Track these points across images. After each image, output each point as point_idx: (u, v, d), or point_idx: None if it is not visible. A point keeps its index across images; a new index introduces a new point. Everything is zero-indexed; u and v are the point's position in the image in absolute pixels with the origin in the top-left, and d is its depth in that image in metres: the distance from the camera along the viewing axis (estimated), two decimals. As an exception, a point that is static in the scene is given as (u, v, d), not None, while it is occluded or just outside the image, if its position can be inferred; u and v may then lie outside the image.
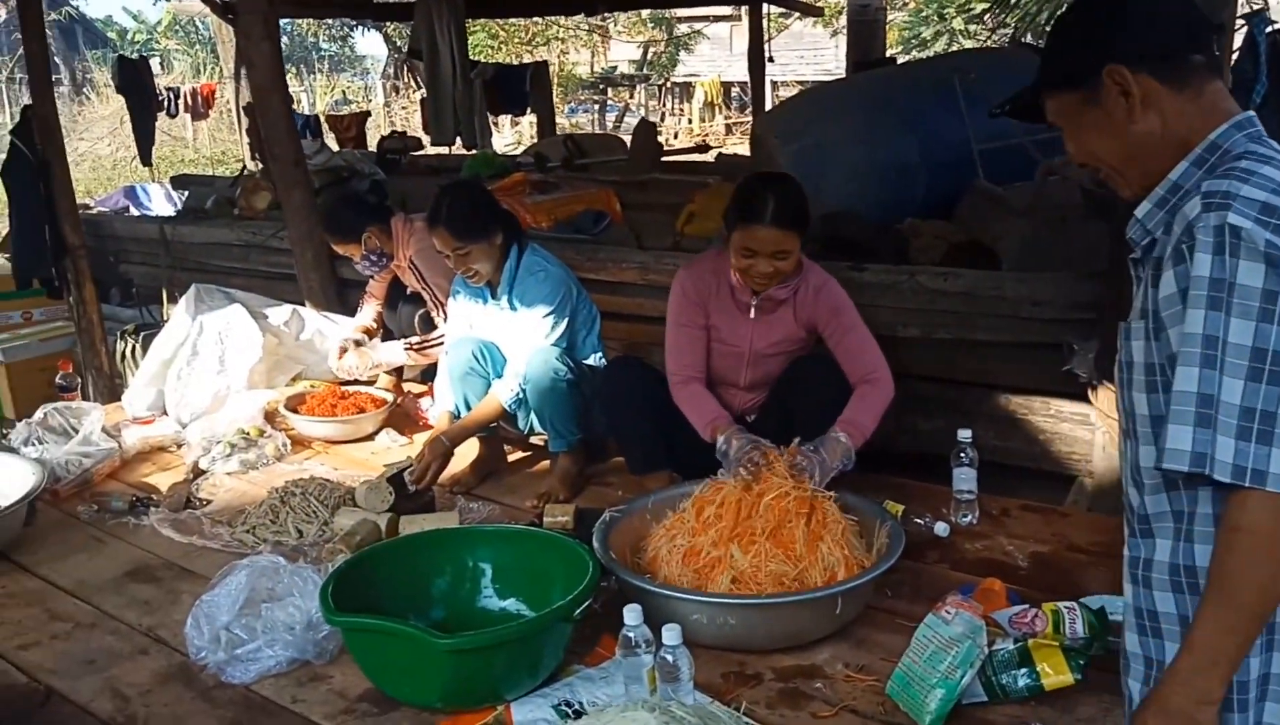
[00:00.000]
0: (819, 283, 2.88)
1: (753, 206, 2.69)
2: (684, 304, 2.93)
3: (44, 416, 3.54)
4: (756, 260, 2.73)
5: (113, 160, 15.84)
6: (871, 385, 2.79)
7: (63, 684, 2.30)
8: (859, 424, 2.71)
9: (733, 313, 2.92)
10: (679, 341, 2.93)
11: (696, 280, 2.93)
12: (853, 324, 2.86)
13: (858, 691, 2.16)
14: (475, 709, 2.10)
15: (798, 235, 2.72)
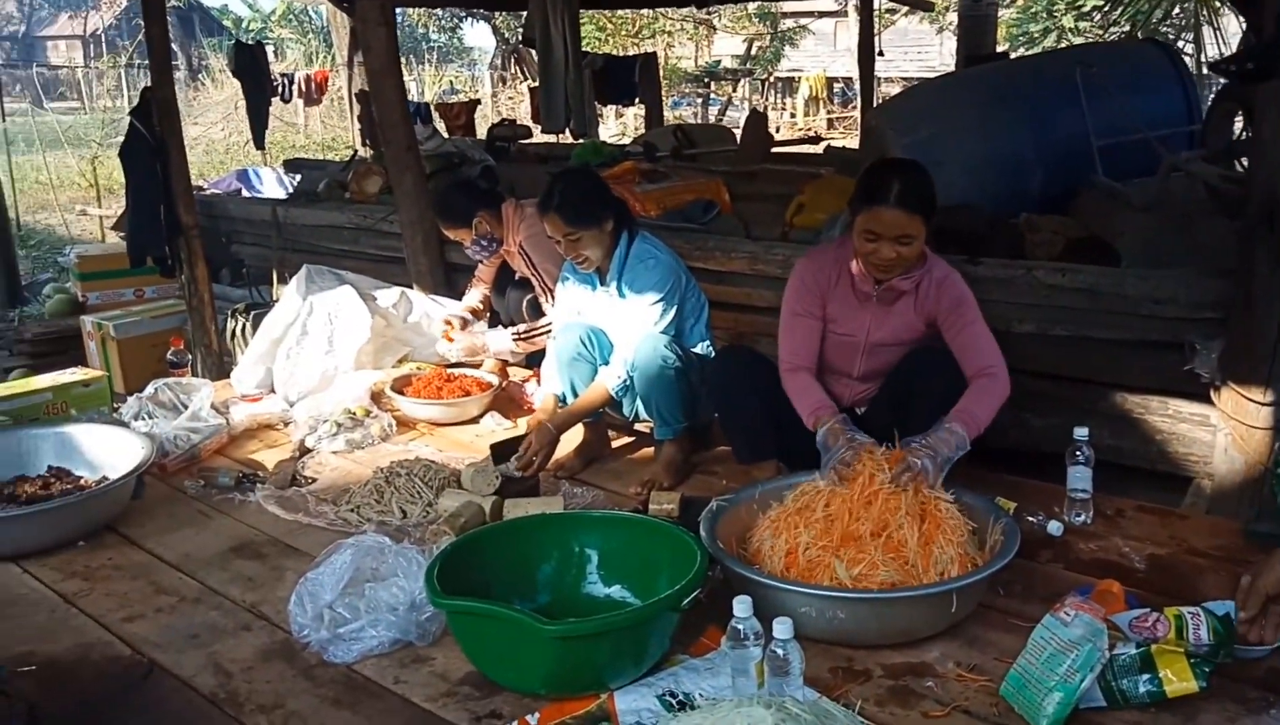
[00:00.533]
0: (942, 275, 2.81)
1: (878, 188, 2.64)
2: (802, 292, 2.89)
3: (154, 391, 3.64)
4: (880, 244, 2.67)
5: (225, 144, 16.38)
6: (989, 379, 2.70)
7: (166, 658, 2.33)
8: (974, 415, 2.62)
9: (851, 302, 2.87)
10: (793, 329, 2.90)
11: (817, 270, 2.89)
12: (973, 318, 2.78)
13: (970, 692, 2.09)
14: (578, 696, 2.09)
15: (923, 220, 2.66)
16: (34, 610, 2.54)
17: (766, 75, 23.18)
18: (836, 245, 2.91)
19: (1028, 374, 3.34)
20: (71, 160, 13.78)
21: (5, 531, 2.78)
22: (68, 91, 25.44)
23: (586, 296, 3.35)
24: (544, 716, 2.05)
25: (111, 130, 15.51)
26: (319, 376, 3.90)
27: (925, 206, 2.66)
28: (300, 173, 7.28)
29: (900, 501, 2.39)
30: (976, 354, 2.74)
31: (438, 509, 2.98)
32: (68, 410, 3.67)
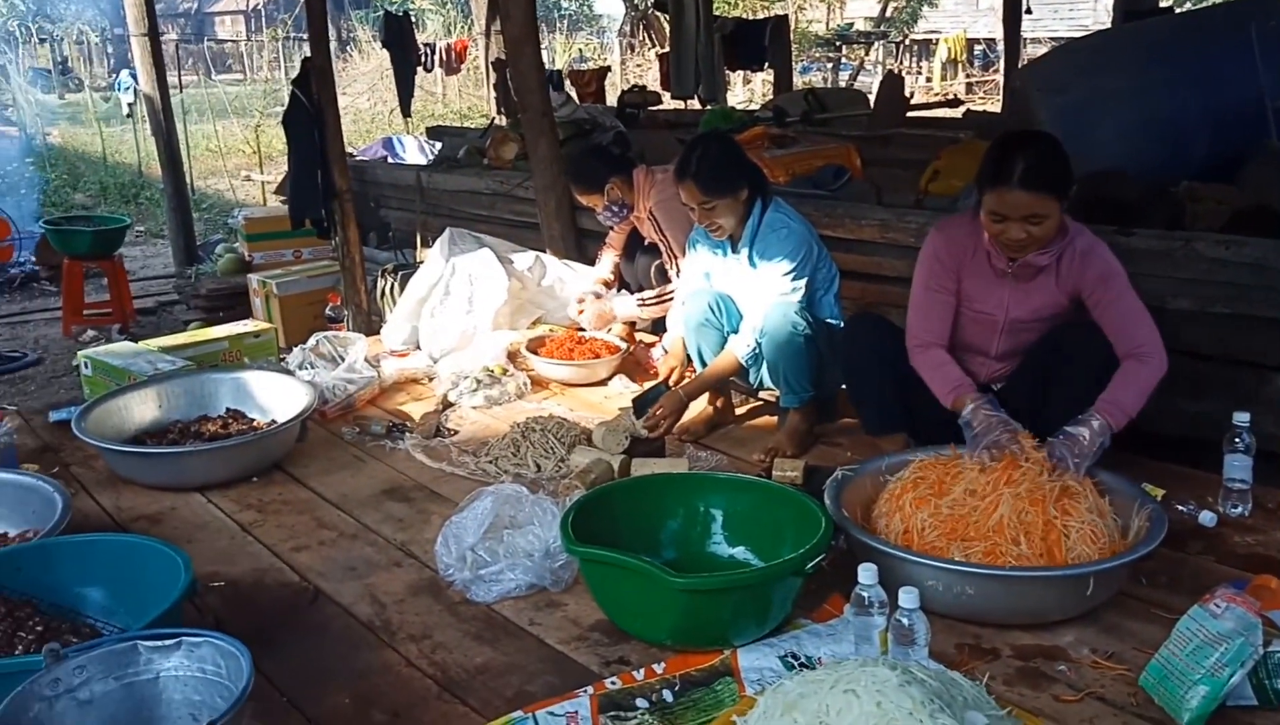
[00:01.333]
0: (1086, 247, 2.63)
1: (1001, 167, 2.49)
2: (935, 267, 2.76)
3: (315, 343, 3.86)
4: (1007, 225, 2.53)
5: (371, 114, 16.93)
6: (1140, 361, 2.53)
7: (328, 586, 2.52)
8: (1121, 404, 2.48)
9: (988, 278, 2.72)
10: (926, 304, 2.77)
11: (950, 242, 2.75)
12: (1122, 291, 2.59)
13: (1106, 679, 2.02)
14: (703, 650, 2.12)
15: (1054, 199, 2.48)
16: (217, 536, 2.79)
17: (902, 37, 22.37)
18: (970, 216, 2.75)
19: (1183, 355, 3.14)
20: (237, 129, 14.50)
21: (194, 465, 3.08)
22: (233, 64, 26.73)
23: (717, 263, 3.34)
24: (670, 666, 2.09)
25: (272, 100, 16.27)
26: (459, 335, 4.04)
27: (1056, 184, 2.49)
28: (441, 140, 7.47)
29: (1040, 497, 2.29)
30: (1127, 332, 2.57)
31: (569, 464, 3.06)
32: (241, 358, 3.96)
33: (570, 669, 2.13)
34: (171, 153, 7.90)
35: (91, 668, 1.77)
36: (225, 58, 27.13)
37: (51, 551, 2.34)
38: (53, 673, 1.73)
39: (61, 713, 1.72)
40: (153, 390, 3.42)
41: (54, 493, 2.65)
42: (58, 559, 2.31)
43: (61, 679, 1.74)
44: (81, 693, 1.75)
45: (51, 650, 1.75)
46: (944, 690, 1.51)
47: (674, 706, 1.98)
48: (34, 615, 2.16)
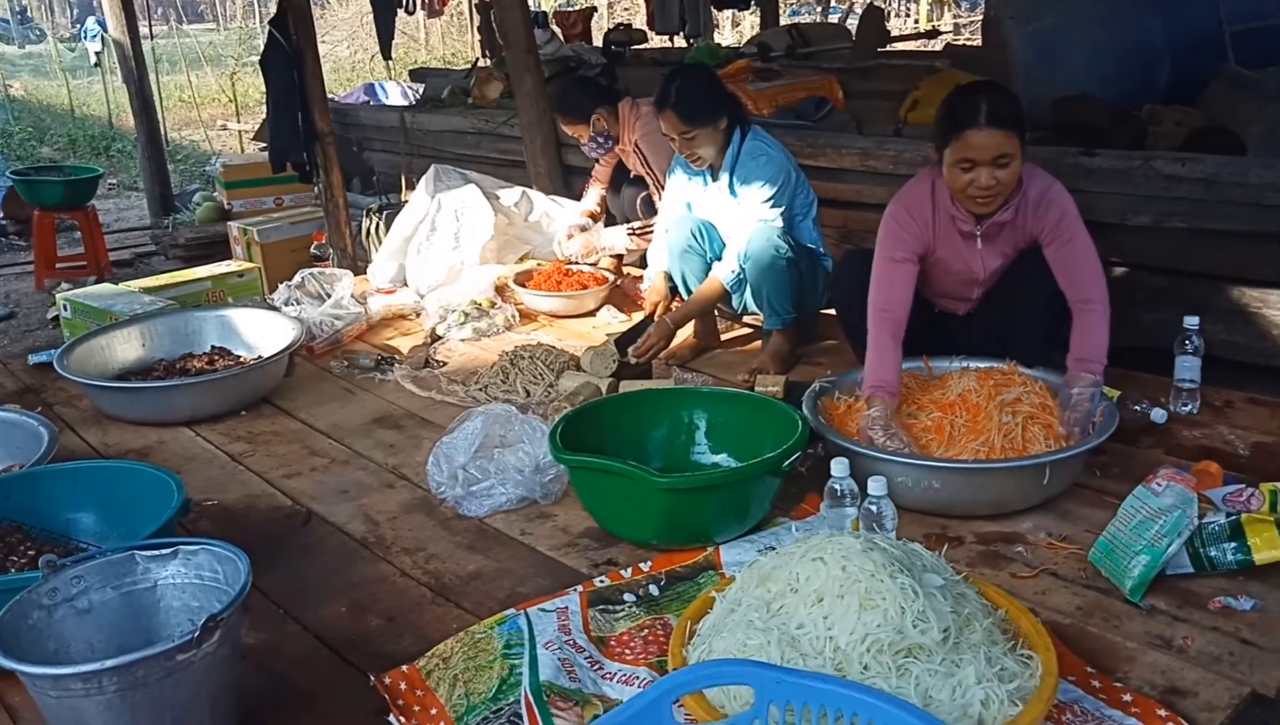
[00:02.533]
0: (1038, 195, 2.67)
1: (965, 111, 2.53)
2: (898, 235, 2.75)
3: (301, 280, 3.98)
4: (977, 172, 2.54)
5: (351, 62, 16.80)
6: (1088, 312, 2.62)
7: (321, 508, 2.65)
8: (1095, 358, 2.58)
9: (957, 242, 2.77)
10: (889, 276, 2.74)
11: (912, 210, 2.75)
12: (1072, 234, 2.65)
13: (1059, 558, 2.21)
14: (687, 548, 2.29)
15: (1018, 138, 2.52)
16: (207, 466, 2.90)
17: (890, -22, 22.20)
18: (926, 181, 2.75)
19: (1142, 269, 3.33)
20: (211, 78, 14.40)
21: (181, 398, 3.16)
22: (205, 11, 26.36)
23: (697, 192, 3.46)
24: (656, 564, 2.26)
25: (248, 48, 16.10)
26: (446, 270, 4.15)
27: (1017, 122, 2.53)
28: (425, 81, 7.51)
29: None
30: (1076, 278, 2.65)
31: (558, 389, 3.20)
32: (225, 298, 4.04)
33: (560, 572, 2.28)
34: (144, 101, 7.87)
35: (89, 578, 1.82)
36: (196, 5, 26.75)
37: (40, 479, 2.40)
38: (50, 583, 1.77)
39: (60, 620, 1.78)
40: (135, 329, 3.49)
41: (39, 427, 2.70)
42: (46, 486, 2.37)
43: (59, 589, 1.78)
44: (80, 602, 1.81)
45: (48, 561, 1.80)
46: (904, 557, 1.68)
47: (660, 599, 2.15)
48: (25, 540, 2.24)
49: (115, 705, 1.58)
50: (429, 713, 1.81)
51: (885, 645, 1.53)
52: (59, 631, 1.77)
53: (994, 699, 1.52)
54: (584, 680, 1.86)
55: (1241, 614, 1.97)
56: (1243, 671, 1.82)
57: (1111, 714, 1.72)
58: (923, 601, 1.58)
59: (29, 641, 1.69)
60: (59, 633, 1.77)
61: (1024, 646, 1.67)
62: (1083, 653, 1.88)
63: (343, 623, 2.14)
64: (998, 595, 1.79)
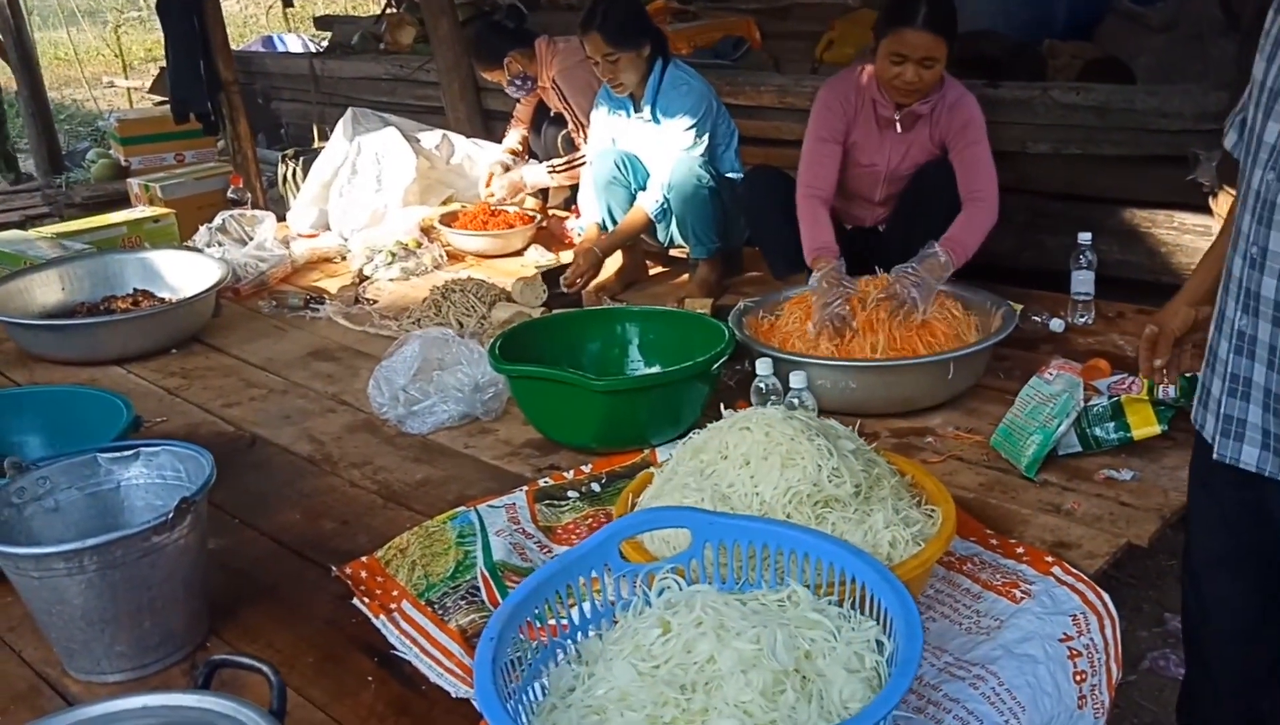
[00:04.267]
0: (955, 98, 3.03)
1: (905, 10, 2.83)
2: (826, 117, 3.09)
3: (221, 222, 4.11)
4: (905, 67, 2.86)
5: (243, 16, 16.52)
6: (976, 204, 2.94)
7: (265, 432, 2.84)
8: (962, 242, 2.87)
9: (873, 130, 3.09)
10: (816, 154, 3.10)
11: (840, 95, 3.08)
12: (976, 139, 3.01)
13: (965, 446, 2.52)
14: (625, 450, 2.54)
15: (946, 43, 2.86)
16: (143, 399, 3.03)
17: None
18: (858, 71, 3.11)
19: (1042, 196, 3.66)
20: (89, 35, 14.05)
21: (111, 336, 3.30)
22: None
23: (620, 123, 3.68)
24: (596, 466, 2.50)
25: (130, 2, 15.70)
26: (370, 213, 4.31)
27: (949, 29, 2.88)
28: (332, 29, 7.55)
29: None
30: (971, 176, 2.98)
31: (490, 320, 3.41)
32: (141, 243, 4.13)
33: (506, 478, 2.51)
34: (25, 55, 7.75)
35: (55, 477, 1.95)
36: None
37: None
38: (18, 482, 1.90)
39: (30, 518, 1.91)
40: (54, 272, 3.59)
41: None
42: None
43: (26, 488, 1.91)
44: (47, 501, 1.94)
45: (13, 463, 1.93)
46: (822, 427, 1.94)
47: (602, 494, 2.40)
48: None
49: (95, 584, 1.75)
50: (390, 594, 2.04)
51: (805, 497, 1.80)
52: (29, 528, 1.91)
53: (900, 540, 1.80)
54: (535, 560, 2.10)
55: (1123, 483, 2.29)
56: (1120, 528, 2.13)
57: (1005, 563, 2.02)
58: (837, 459, 1.84)
59: (2, 535, 1.83)
60: (29, 529, 1.91)
61: (928, 503, 1.95)
62: (984, 520, 2.18)
63: (298, 527, 2.34)
64: (904, 463, 2.07)
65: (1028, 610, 1.85)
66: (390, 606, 2.01)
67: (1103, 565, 2.02)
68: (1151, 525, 2.13)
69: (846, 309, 2.74)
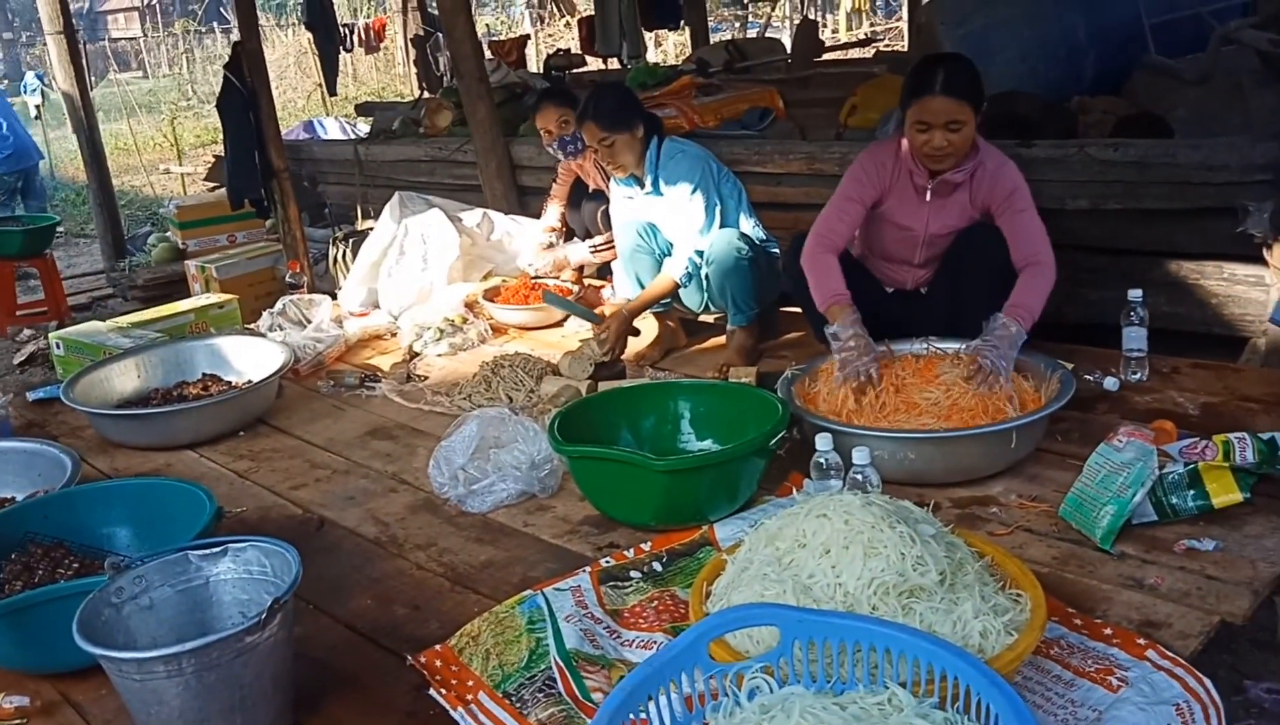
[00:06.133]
0: (995, 166, 2.90)
1: (924, 79, 2.78)
2: (858, 179, 3.00)
3: (283, 307, 4.05)
4: (931, 133, 2.78)
5: (281, 101, 16.77)
6: (1036, 268, 2.80)
7: (331, 514, 2.75)
8: (1028, 306, 2.74)
9: (909, 196, 2.98)
10: (838, 209, 3.00)
11: (877, 162, 3.00)
12: (1025, 206, 2.87)
13: (1031, 516, 2.36)
14: (683, 527, 2.40)
15: (971, 107, 2.76)
16: (216, 483, 2.96)
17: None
18: (894, 141, 3.01)
19: (1083, 250, 3.51)
20: (146, 126, 14.27)
21: (185, 422, 3.28)
22: (132, 61, 26.05)
23: (632, 203, 3.65)
24: (655, 544, 2.36)
25: (183, 94, 16.00)
26: (417, 291, 4.23)
27: (972, 93, 2.77)
28: (371, 115, 7.58)
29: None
30: (1025, 242, 2.83)
31: (540, 393, 3.30)
32: (208, 328, 4.10)
33: (567, 557, 2.39)
34: (95, 150, 7.84)
35: (149, 576, 1.94)
36: (123, 55, 26.42)
37: (75, 498, 2.51)
38: (116, 583, 1.90)
39: (128, 617, 1.90)
40: (131, 361, 3.59)
41: (61, 454, 2.79)
42: (82, 504, 2.47)
43: (125, 588, 1.91)
44: (143, 599, 1.93)
45: (113, 563, 1.92)
46: (899, 511, 1.80)
47: (664, 574, 2.25)
48: (68, 555, 2.33)
49: (192, 685, 1.69)
50: (466, 684, 1.90)
51: (890, 588, 1.65)
52: (127, 626, 1.88)
53: (991, 630, 1.64)
54: (606, 647, 1.96)
55: (1205, 554, 2.11)
56: (1211, 603, 1.95)
57: (1095, 646, 1.85)
58: (920, 547, 1.70)
59: (103, 636, 1.80)
60: (127, 628, 1.88)
61: (1011, 587, 1.80)
62: (1062, 597, 2.02)
63: (371, 613, 2.24)
64: (983, 544, 1.92)
65: (1127, 700, 1.68)
66: (468, 698, 1.87)
67: (1197, 647, 1.85)
68: (1244, 600, 1.95)
69: (875, 368, 2.68)
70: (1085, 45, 4.08)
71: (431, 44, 8.62)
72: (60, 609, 1.90)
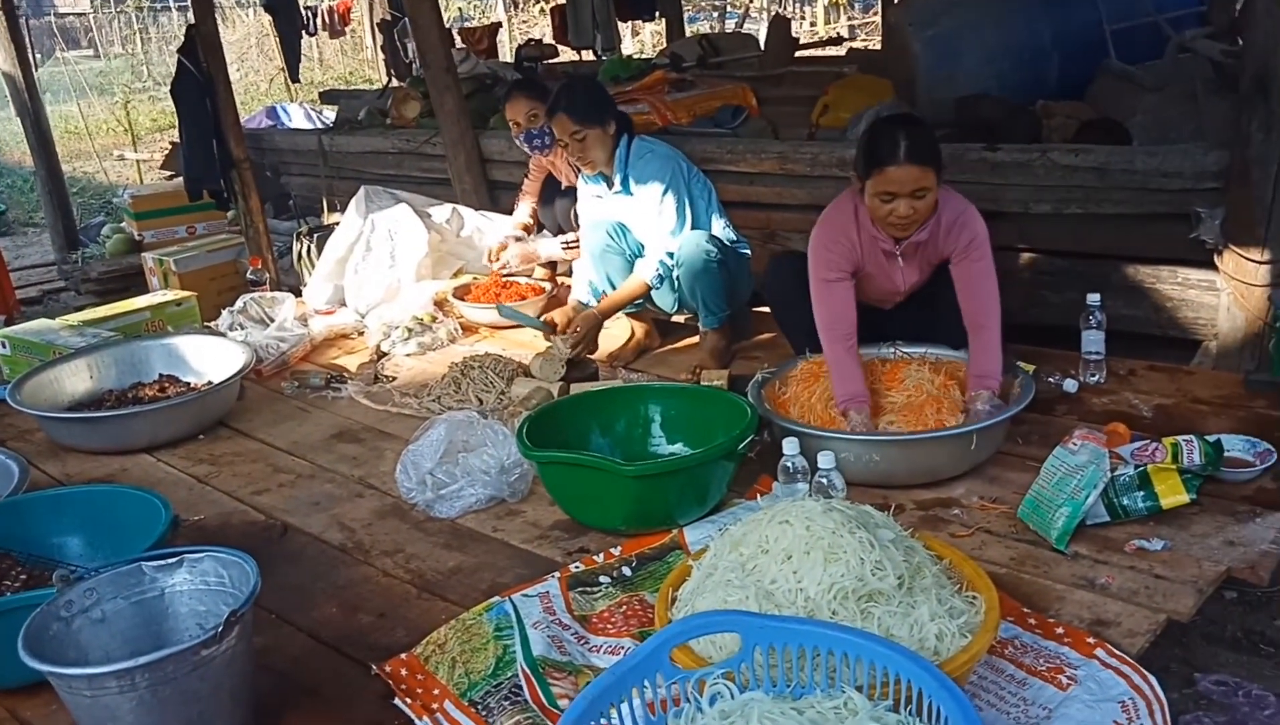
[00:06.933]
0: (953, 217, 2.83)
1: (884, 148, 2.66)
2: (828, 259, 2.91)
3: (243, 305, 4.07)
4: (896, 203, 2.69)
5: (244, 85, 16.62)
6: (985, 332, 2.81)
7: (295, 520, 2.78)
8: (992, 373, 2.77)
9: (880, 262, 2.94)
10: (829, 298, 2.90)
11: (837, 235, 2.91)
12: (980, 256, 2.83)
13: (991, 517, 2.47)
14: (654, 531, 2.49)
15: (934, 171, 2.68)
16: (174, 489, 2.98)
17: (784, -17, 22.84)
18: (846, 206, 2.90)
19: (1045, 254, 3.65)
20: (99, 108, 14.10)
21: (140, 425, 3.25)
22: (81, 39, 25.65)
23: (601, 203, 3.71)
24: (625, 548, 2.45)
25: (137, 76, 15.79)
26: (384, 289, 4.28)
27: (934, 157, 2.69)
28: (336, 103, 7.57)
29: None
30: (975, 298, 2.83)
31: (510, 396, 3.36)
32: (164, 327, 4.10)
33: (536, 562, 2.45)
34: (41, 134, 7.74)
35: (101, 589, 1.93)
36: (71, 32, 26.02)
37: (23, 506, 2.47)
38: (66, 595, 1.89)
39: (78, 630, 1.89)
40: (83, 361, 3.56)
41: (7, 460, 2.74)
42: (31, 513, 2.44)
43: (74, 600, 1.89)
44: (94, 612, 1.92)
45: (62, 575, 1.91)
46: (860, 516, 1.90)
47: (633, 578, 2.34)
48: (16, 566, 2.31)
49: (146, 700, 1.70)
50: (432, 692, 1.97)
51: (849, 592, 1.75)
52: (78, 641, 1.88)
53: (947, 633, 1.74)
54: (574, 654, 2.04)
55: (1154, 553, 2.23)
56: (1158, 602, 2.08)
57: (1047, 645, 1.97)
58: (879, 552, 1.80)
59: (53, 651, 1.80)
60: (78, 642, 1.88)
61: (968, 589, 1.90)
62: (1018, 596, 2.13)
63: (335, 622, 2.28)
64: (941, 547, 2.02)
65: (1076, 698, 1.79)
66: (433, 706, 1.95)
67: (1144, 644, 1.97)
68: (1189, 599, 2.08)
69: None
70: (1050, 49, 4.20)
71: (399, 29, 8.59)
72: (6, 623, 1.88)
